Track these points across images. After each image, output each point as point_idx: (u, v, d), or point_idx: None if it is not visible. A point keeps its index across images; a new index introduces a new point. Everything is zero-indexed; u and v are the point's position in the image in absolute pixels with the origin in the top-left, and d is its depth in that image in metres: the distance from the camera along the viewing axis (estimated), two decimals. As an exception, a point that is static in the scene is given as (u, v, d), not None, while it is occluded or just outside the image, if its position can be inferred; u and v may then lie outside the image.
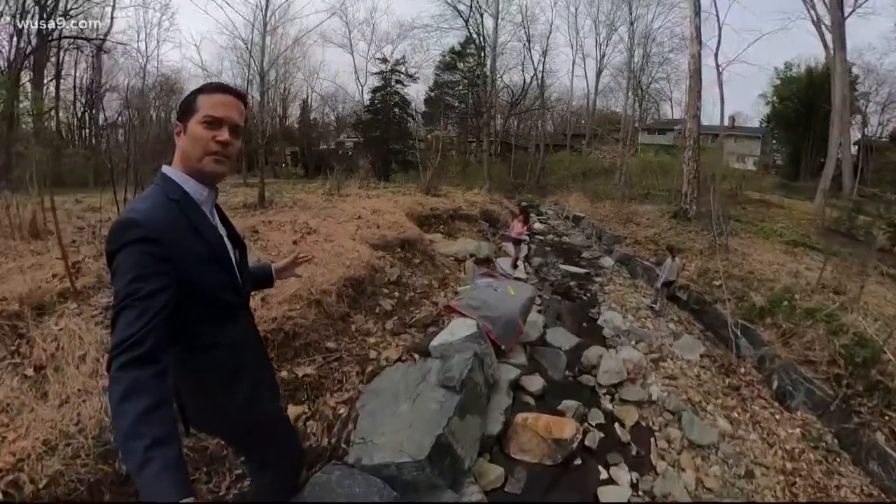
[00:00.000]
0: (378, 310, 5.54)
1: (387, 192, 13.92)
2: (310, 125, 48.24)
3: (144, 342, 1.22)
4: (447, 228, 10.82)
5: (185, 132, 1.52)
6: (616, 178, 26.70)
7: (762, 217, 15.17)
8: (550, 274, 10.46)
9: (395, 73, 38.62)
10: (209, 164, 1.52)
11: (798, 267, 9.02)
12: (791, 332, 6.45)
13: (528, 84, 39.18)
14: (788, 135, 37.41)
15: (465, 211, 12.21)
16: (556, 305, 8.33)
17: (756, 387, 5.95)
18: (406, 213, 9.45)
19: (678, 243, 11.04)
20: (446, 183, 19.88)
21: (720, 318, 7.62)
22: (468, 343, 4.41)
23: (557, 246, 14.54)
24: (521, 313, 5.59)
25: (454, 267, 8.27)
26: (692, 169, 14.31)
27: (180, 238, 1.44)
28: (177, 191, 1.51)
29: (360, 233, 7.14)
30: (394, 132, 35.75)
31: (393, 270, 6.41)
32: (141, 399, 1.13)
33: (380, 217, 8.48)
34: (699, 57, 14.65)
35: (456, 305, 5.48)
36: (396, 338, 5.09)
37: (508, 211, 15.52)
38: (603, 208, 19.05)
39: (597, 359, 6.04)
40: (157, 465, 1.05)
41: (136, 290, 1.27)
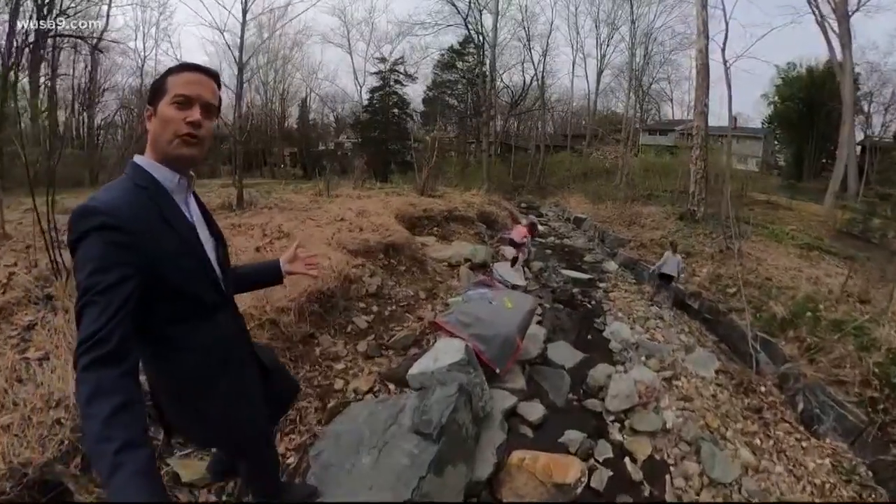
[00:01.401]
0: (350, 328, 4.90)
1: (380, 193, 13.32)
2: (309, 126, 47.90)
3: (109, 339, 1.15)
4: (441, 231, 10.18)
5: (155, 115, 1.44)
6: (617, 179, 26.36)
7: (771, 219, 14.55)
8: (552, 279, 9.82)
9: (393, 72, 38.25)
10: (180, 146, 1.43)
11: (817, 273, 8.43)
12: (816, 347, 5.90)
13: (528, 84, 38.71)
14: (791, 135, 36.86)
15: (461, 212, 11.53)
16: (557, 315, 7.67)
17: (779, 409, 5.37)
18: (395, 215, 8.81)
19: (687, 246, 10.60)
20: (445, 184, 19.51)
21: (736, 329, 7.11)
22: (454, 372, 3.71)
23: (559, 249, 14.02)
24: (518, 330, 4.87)
25: (447, 273, 7.63)
26: (699, 168, 13.78)
27: (147, 227, 1.34)
28: (145, 178, 1.42)
29: (338, 237, 6.46)
30: (392, 132, 35.27)
31: (372, 280, 5.73)
32: (108, 400, 1.07)
33: (365, 219, 7.83)
34: (706, 52, 14.14)
35: (443, 322, 4.75)
36: (370, 362, 4.46)
37: (508, 212, 14.93)
38: (605, 209, 18.61)
39: (604, 379, 5.40)
40: (127, 470, 1.00)
41: (96, 283, 1.20)
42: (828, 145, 35.11)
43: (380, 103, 38.08)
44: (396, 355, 4.69)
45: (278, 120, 45.77)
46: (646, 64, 36.51)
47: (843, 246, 11.69)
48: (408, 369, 3.95)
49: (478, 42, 33.91)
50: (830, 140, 34.75)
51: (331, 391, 3.85)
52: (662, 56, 38.19)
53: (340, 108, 48.74)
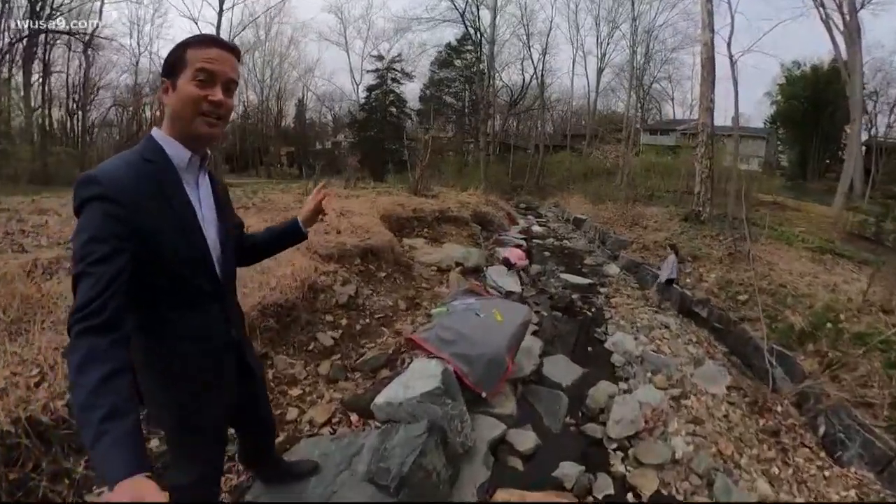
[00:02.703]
0: (313, 346, 4.31)
1: (371, 193, 12.78)
2: (305, 125, 47.65)
3: (103, 310, 1.17)
4: (431, 233, 9.67)
5: (173, 90, 1.40)
6: (618, 180, 25.93)
7: (779, 220, 14.04)
8: (550, 285, 9.31)
9: (390, 70, 37.98)
10: (201, 125, 1.42)
11: (834, 279, 7.90)
12: (839, 363, 5.41)
13: (527, 83, 38.33)
14: (794, 135, 36.52)
15: (454, 213, 11.02)
16: (555, 324, 7.16)
17: (798, 432, 4.88)
18: (381, 216, 8.28)
19: (692, 249, 10.16)
20: (441, 183, 19.18)
21: (747, 340, 6.64)
22: (426, 404, 3.15)
23: (557, 251, 13.62)
24: (509, 347, 4.28)
25: (435, 279, 7.09)
26: (705, 167, 13.27)
27: (145, 201, 1.34)
28: (155, 152, 1.42)
29: (310, 239, 5.71)
30: (389, 131, 34.87)
31: (345, 289, 5.12)
32: (97, 369, 1.09)
33: (347, 220, 7.28)
34: (712, 45, 13.68)
35: (420, 340, 4.15)
36: (332, 387, 3.89)
37: (505, 213, 14.50)
38: (605, 210, 18.24)
39: (606, 400, 4.88)
40: (110, 438, 1.00)
41: (90, 253, 1.21)
42: (831, 146, 34.73)
43: (377, 102, 37.86)
44: (364, 378, 4.14)
45: (275, 119, 45.63)
46: (647, 62, 36.25)
47: (855, 249, 11.18)
48: (375, 396, 3.39)
49: (475, 39, 33.46)
50: (834, 140, 34.40)
51: (282, 423, 3.30)
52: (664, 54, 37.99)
53: (337, 107, 48.50)
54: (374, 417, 3.35)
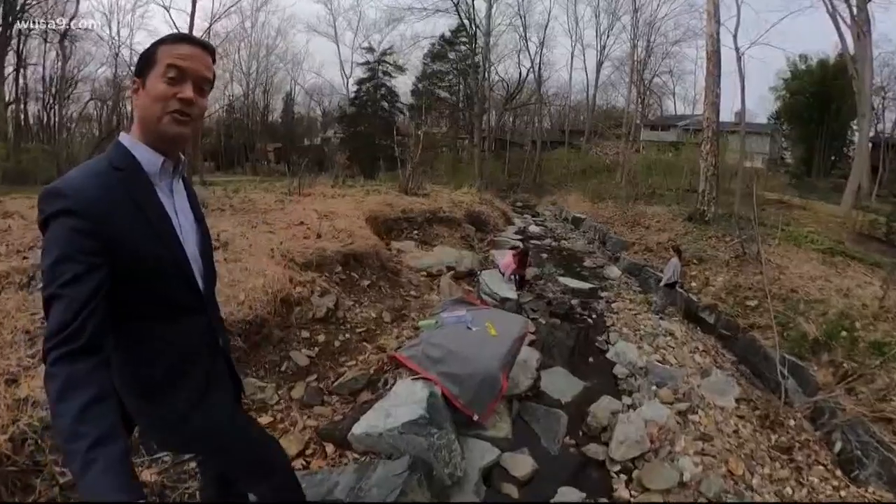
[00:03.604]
0: (287, 366, 4.11)
1: (359, 192, 12.57)
2: (293, 120, 47.35)
3: (80, 334, 1.14)
4: (422, 235, 9.53)
5: (143, 89, 1.38)
6: (618, 177, 25.85)
7: (787, 220, 13.88)
8: (548, 289, 9.15)
9: (382, 63, 37.68)
10: (169, 124, 1.38)
11: (847, 283, 7.72)
12: (855, 374, 5.28)
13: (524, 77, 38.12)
14: (800, 131, 36.38)
15: (446, 213, 10.92)
16: (554, 333, 6.99)
17: (812, 449, 4.73)
18: (367, 217, 8.12)
19: (697, 251, 10.03)
20: (434, 181, 19.18)
21: (757, 348, 6.52)
22: (409, 436, 2.95)
23: (556, 252, 13.56)
24: (503, 365, 4.07)
25: (425, 285, 6.94)
26: (710, 165, 13.10)
27: (115, 213, 1.29)
28: (124, 158, 1.38)
29: (285, 246, 5.66)
30: (380, 127, 34.52)
31: (323, 301, 4.91)
32: (79, 395, 1.07)
33: (330, 222, 7.07)
34: (717, 37, 13.50)
35: (404, 358, 3.95)
36: (306, 414, 3.68)
37: (500, 212, 14.36)
38: (605, 209, 18.19)
39: (608, 417, 4.70)
40: (99, 467, 1.00)
41: (60, 273, 1.18)
42: (837, 143, 34.73)
43: (367, 96, 37.60)
44: (343, 403, 3.94)
45: (261, 113, 45.28)
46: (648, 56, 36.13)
47: (866, 250, 11.05)
48: (353, 424, 3.19)
49: (470, 30, 33.19)
50: (841, 137, 34.41)
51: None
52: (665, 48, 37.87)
53: (327, 102, 48.32)
54: (353, 448, 3.16)
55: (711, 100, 13.62)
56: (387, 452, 2.92)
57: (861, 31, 18.56)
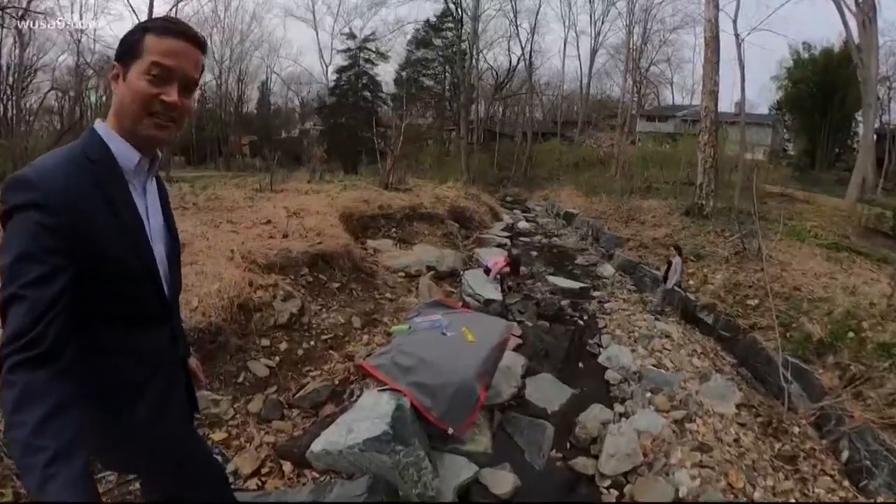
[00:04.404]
0: (244, 377, 4.05)
1: (337, 187, 12.42)
2: (270, 111, 47.07)
3: (42, 340, 1.11)
4: (401, 233, 9.48)
5: (123, 79, 1.32)
6: (613, 170, 25.93)
7: (789, 214, 13.92)
8: (536, 289, 9.06)
9: (364, 50, 37.52)
10: (150, 127, 1.34)
11: (853, 280, 7.69)
12: (862, 378, 5.24)
13: (514, 65, 38.18)
14: (802, 122, 36.82)
15: (427, 209, 10.85)
16: (542, 336, 6.88)
17: (818, 457, 4.68)
18: (340, 215, 8.04)
19: (695, 247, 9.97)
20: (418, 176, 19.14)
21: (759, 350, 6.46)
22: (371, 453, 2.84)
23: (546, 249, 13.53)
24: (481, 373, 3.96)
25: (402, 287, 6.90)
26: (708, 156, 13.09)
27: (86, 210, 1.26)
28: (99, 149, 1.34)
29: (246, 247, 5.53)
30: (362, 118, 34.33)
31: (287, 306, 4.84)
32: (38, 406, 1.04)
33: (299, 220, 6.97)
34: (716, 23, 13.48)
35: (371, 367, 3.83)
36: (264, 429, 3.63)
37: (487, 208, 14.27)
38: (599, 204, 18.27)
39: (598, 428, 4.62)
40: (58, 483, 0.97)
41: (24, 273, 1.14)
42: (841, 134, 35.10)
43: (348, 85, 37.40)
44: (303, 417, 3.90)
45: (235, 104, 44.92)
46: (644, 43, 36.31)
47: (872, 245, 11.09)
48: (313, 441, 3.10)
49: (457, 15, 33.17)
50: (845, 128, 34.79)
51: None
52: (663, 35, 38.07)
53: (305, 91, 48.08)
54: (312, 467, 3.09)
55: (710, 88, 13.61)
56: (348, 471, 2.84)
57: (866, 17, 18.67)
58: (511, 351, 5.76)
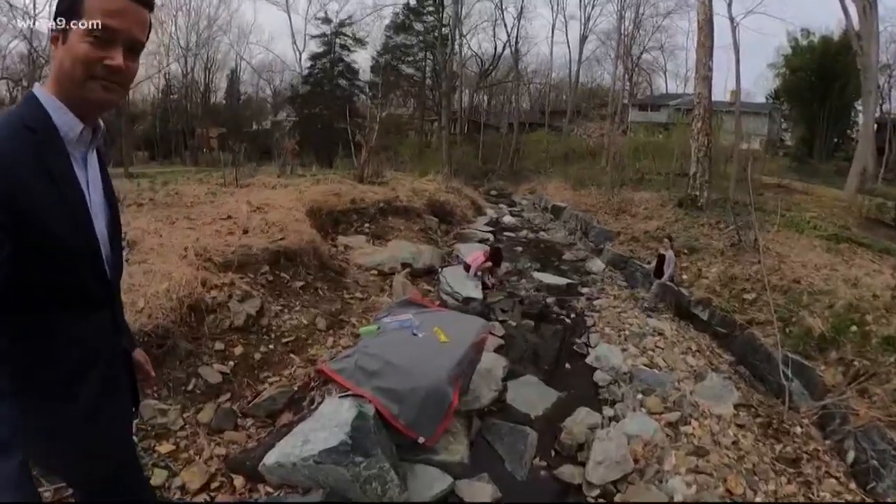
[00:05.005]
0: (194, 384, 4.02)
1: (309, 181, 12.39)
2: (240, 101, 46.69)
3: None
4: (375, 228, 9.50)
5: (63, 41, 1.29)
6: (603, 161, 25.97)
7: (787, 205, 14.05)
8: (520, 286, 9.03)
9: (339, 35, 37.35)
10: (95, 89, 1.30)
11: (854, 272, 7.72)
12: (867, 374, 5.24)
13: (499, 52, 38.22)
14: (801, 111, 37.34)
15: (403, 203, 10.82)
16: (525, 336, 6.84)
17: (822, 459, 4.69)
18: (309, 209, 7.98)
19: (689, 240, 10.01)
20: (398, 168, 19.18)
21: (757, 347, 6.47)
22: (327, 465, 2.77)
23: (532, 244, 13.60)
24: (454, 376, 3.86)
25: (375, 286, 6.88)
26: (702, 145, 13.14)
27: (26, 183, 1.23)
28: (39, 118, 1.30)
29: (202, 244, 5.45)
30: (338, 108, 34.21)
31: (244, 306, 4.80)
32: None
33: (263, 215, 6.91)
34: (710, 5, 13.51)
35: (332, 372, 3.74)
36: (216, 440, 3.63)
37: (469, 202, 14.20)
38: (588, 196, 18.39)
39: (585, 433, 4.58)
40: None
41: None
42: (841, 124, 35.55)
43: (323, 73, 37.27)
44: (258, 427, 3.87)
45: (202, 94, 44.45)
46: (636, 29, 36.52)
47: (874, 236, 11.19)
48: (267, 453, 3.04)
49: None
50: (844, 117, 35.25)
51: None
52: (655, 21, 38.29)
53: (278, 80, 47.77)
54: (266, 481, 3.03)
55: (703, 74, 13.65)
56: (304, 486, 2.82)
57: (867, 3, 18.92)
58: (491, 352, 5.73)
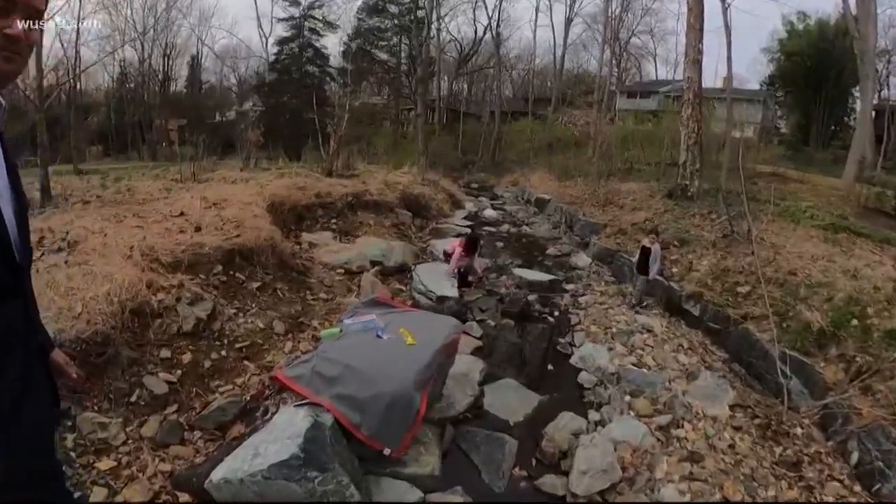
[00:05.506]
0: (138, 395, 4.00)
1: (273, 174, 12.17)
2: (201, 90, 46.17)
3: None
4: (343, 224, 9.48)
5: None
6: (590, 151, 26.08)
7: (782, 194, 14.14)
8: (500, 284, 9.03)
9: (308, 19, 37.16)
10: None
11: (854, 263, 7.78)
12: (870, 370, 5.29)
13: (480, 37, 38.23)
14: (796, 98, 37.84)
15: (374, 196, 10.79)
16: (505, 337, 6.80)
17: (825, 461, 4.75)
18: (269, 204, 7.93)
19: (679, 231, 10.13)
20: (372, 160, 19.26)
21: (753, 343, 6.56)
22: (279, 481, 2.80)
23: (514, 239, 13.67)
24: (421, 381, 3.80)
25: (341, 286, 6.87)
26: (692, 131, 13.19)
27: None
28: None
29: (148, 243, 5.37)
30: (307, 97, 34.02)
31: (194, 310, 4.79)
32: None
33: (218, 212, 6.86)
34: (700, -17, 13.43)
35: (288, 379, 3.71)
36: (160, 455, 3.62)
37: (447, 195, 14.12)
38: (574, 188, 18.53)
39: (569, 439, 4.60)
40: None
41: None
42: (837, 111, 36.03)
43: (291, 59, 37.07)
44: (207, 440, 3.85)
45: (161, 83, 43.85)
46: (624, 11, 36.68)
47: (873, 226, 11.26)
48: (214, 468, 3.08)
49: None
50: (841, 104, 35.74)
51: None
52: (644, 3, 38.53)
53: (243, 67, 47.38)
54: (213, 499, 3.04)
55: (693, 57, 13.68)
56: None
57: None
58: (468, 355, 5.73)
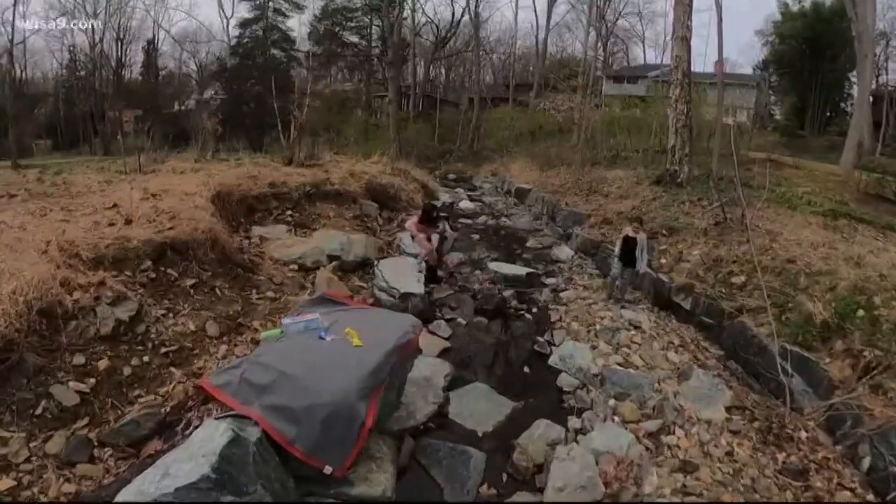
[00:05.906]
0: (44, 407, 3.88)
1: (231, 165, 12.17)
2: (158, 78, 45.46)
3: None
4: (299, 216, 9.26)
5: None
6: (574, 138, 26.05)
7: (777, 180, 14.15)
8: (474, 279, 8.91)
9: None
10: None
11: (857, 250, 7.76)
12: (880, 365, 5.17)
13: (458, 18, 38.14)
14: (791, 82, 38.45)
15: (335, 186, 10.53)
16: (476, 337, 6.68)
17: (833, 468, 4.65)
18: (215, 195, 7.70)
19: (668, 219, 10.01)
20: (342, 150, 19.03)
21: (750, 338, 6.48)
22: None
23: (492, 232, 13.61)
24: (367, 389, 3.56)
25: (294, 283, 6.71)
26: (681, 113, 13.07)
27: None
28: None
29: (73, 236, 5.24)
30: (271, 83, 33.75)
31: (114, 310, 4.60)
32: None
33: (154, 204, 6.62)
34: (689, -42, 13.35)
35: (213, 388, 3.56)
36: (66, 473, 3.55)
37: (418, 185, 13.87)
38: (557, 177, 18.58)
39: (544, 451, 4.42)
40: None
41: None
42: (833, 96, 36.43)
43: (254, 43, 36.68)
44: (118, 458, 3.76)
45: (114, 71, 43.14)
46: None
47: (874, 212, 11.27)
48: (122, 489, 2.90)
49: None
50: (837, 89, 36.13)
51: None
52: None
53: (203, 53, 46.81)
54: None
55: (682, 34, 13.53)
56: None
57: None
58: (433, 357, 5.60)
